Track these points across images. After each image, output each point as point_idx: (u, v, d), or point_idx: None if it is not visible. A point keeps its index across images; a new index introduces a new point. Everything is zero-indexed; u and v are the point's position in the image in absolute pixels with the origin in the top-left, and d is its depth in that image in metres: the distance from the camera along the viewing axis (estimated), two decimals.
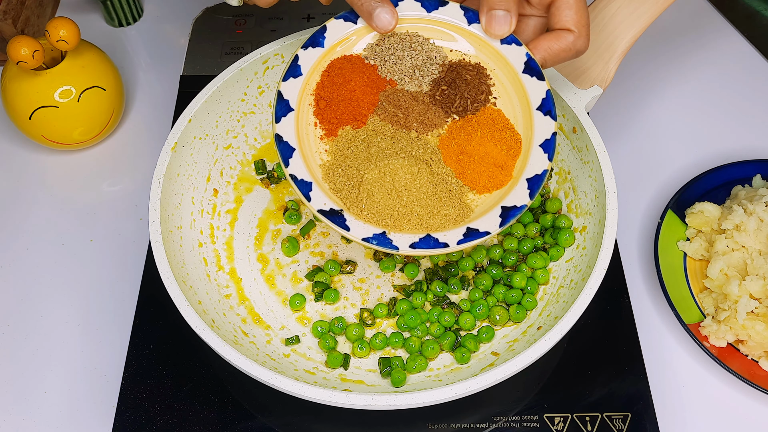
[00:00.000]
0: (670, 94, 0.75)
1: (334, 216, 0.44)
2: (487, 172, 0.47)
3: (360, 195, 0.45)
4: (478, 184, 0.47)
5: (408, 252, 0.44)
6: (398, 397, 0.44)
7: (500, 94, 0.49)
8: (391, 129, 0.47)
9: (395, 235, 0.44)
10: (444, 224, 0.45)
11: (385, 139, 0.47)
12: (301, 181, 0.45)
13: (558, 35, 0.47)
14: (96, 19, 0.81)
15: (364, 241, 0.44)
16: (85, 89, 0.64)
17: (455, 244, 0.44)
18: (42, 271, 0.63)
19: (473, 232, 0.44)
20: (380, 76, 0.49)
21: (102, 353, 0.58)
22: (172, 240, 0.53)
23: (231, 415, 0.53)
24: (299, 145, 0.46)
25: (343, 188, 0.45)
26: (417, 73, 0.49)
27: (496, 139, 0.47)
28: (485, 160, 0.47)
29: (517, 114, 0.48)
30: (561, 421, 0.53)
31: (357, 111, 0.48)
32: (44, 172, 0.69)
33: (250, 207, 0.61)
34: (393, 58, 0.49)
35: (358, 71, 0.48)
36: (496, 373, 0.45)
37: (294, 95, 0.47)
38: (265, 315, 0.56)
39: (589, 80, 0.57)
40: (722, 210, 0.61)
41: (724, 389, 0.56)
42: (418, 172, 0.46)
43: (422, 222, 0.45)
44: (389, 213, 0.45)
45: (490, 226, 0.45)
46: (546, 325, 0.51)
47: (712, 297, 0.58)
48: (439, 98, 0.48)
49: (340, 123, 0.47)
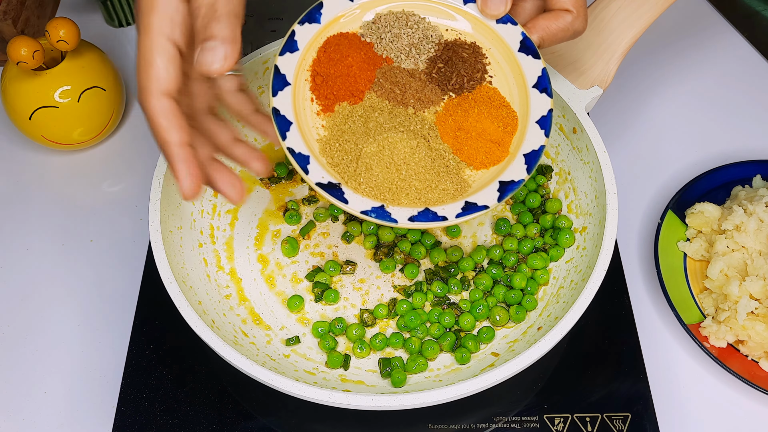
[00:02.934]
0: (670, 94, 0.75)
1: (332, 189, 0.44)
2: (484, 148, 0.47)
3: (358, 168, 0.45)
4: (476, 160, 0.47)
5: (407, 225, 0.44)
6: (398, 398, 0.45)
7: (496, 72, 0.49)
8: (388, 105, 0.47)
9: (394, 209, 0.44)
10: (442, 198, 0.45)
11: (383, 114, 0.47)
12: (298, 154, 0.44)
13: (556, 15, 0.47)
14: (96, 19, 0.81)
15: (362, 214, 0.43)
16: (85, 89, 0.64)
17: (454, 217, 0.44)
18: (42, 271, 0.63)
19: (471, 206, 0.44)
20: (376, 53, 0.48)
21: (102, 353, 0.58)
22: (172, 240, 0.53)
23: (231, 415, 0.53)
24: (296, 118, 0.45)
25: (341, 162, 0.45)
26: (413, 51, 0.49)
27: (492, 116, 0.48)
28: (482, 136, 0.47)
29: (513, 92, 0.49)
30: (561, 421, 0.53)
31: (354, 87, 0.47)
32: (44, 172, 0.69)
33: (250, 207, 0.61)
34: (389, 36, 0.49)
35: (354, 48, 0.48)
36: (496, 373, 0.45)
37: (291, 70, 0.46)
38: (265, 315, 0.56)
39: (589, 81, 0.57)
40: (722, 210, 0.61)
41: (724, 389, 0.56)
42: (417, 146, 0.46)
43: (420, 196, 0.45)
44: (387, 187, 0.45)
45: (489, 200, 0.45)
46: (546, 325, 0.51)
47: (712, 297, 0.58)
48: (435, 76, 0.49)
49: (337, 99, 0.47)
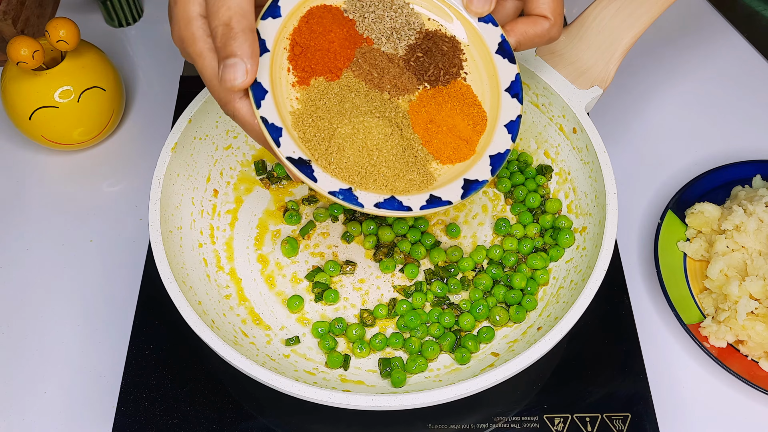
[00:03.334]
0: (670, 94, 0.75)
1: (302, 166, 0.43)
2: (453, 143, 0.47)
3: (330, 148, 0.44)
4: (443, 155, 0.47)
5: (372, 211, 0.43)
6: (398, 398, 0.45)
7: (471, 70, 0.49)
8: (364, 87, 0.47)
9: (361, 193, 0.43)
10: (408, 188, 0.45)
11: (359, 96, 0.46)
12: (272, 125, 0.43)
13: (534, 21, 0.48)
14: (96, 19, 0.81)
15: (330, 194, 0.43)
16: (85, 89, 0.64)
17: (418, 209, 0.44)
18: (42, 271, 0.63)
19: (436, 200, 0.44)
20: (357, 32, 0.48)
21: (102, 353, 0.58)
22: (172, 240, 0.53)
23: (231, 416, 0.53)
24: (272, 88, 0.44)
25: (313, 139, 0.44)
26: (395, 35, 0.49)
27: (464, 113, 0.48)
28: (452, 131, 0.47)
29: (486, 92, 0.49)
30: (561, 421, 0.53)
31: (332, 63, 0.47)
32: (44, 172, 0.69)
33: (250, 207, 0.61)
34: (372, 17, 0.48)
35: (337, 23, 0.48)
36: (496, 373, 0.45)
37: (271, 36, 0.45)
38: (265, 315, 0.56)
39: (589, 80, 0.57)
40: (722, 210, 0.61)
41: (724, 389, 0.56)
42: (391, 133, 0.46)
43: (388, 183, 0.44)
44: (357, 170, 0.44)
45: (453, 196, 0.45)
46: (546, 325, 0.51)
47: (712, 297, 0.58)
48: (413, 64, 0.48)
49: (314, 73, 0.46)
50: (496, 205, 0.62)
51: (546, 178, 0.62)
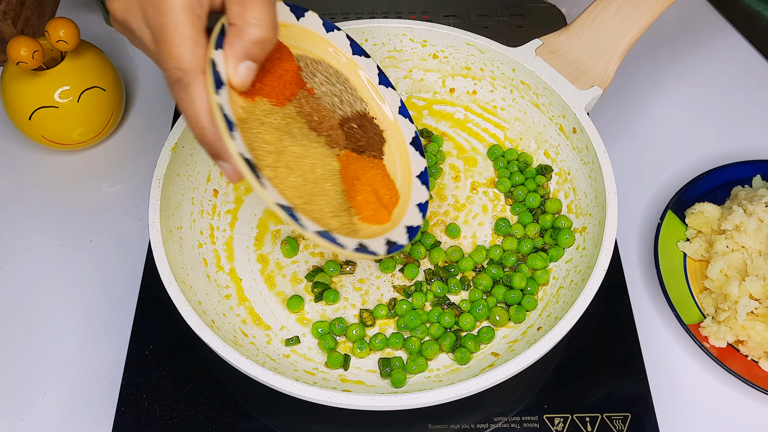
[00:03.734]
0: (670, 94, 0.75)
1: (252, 167, 0.40)
2: (374, 205, 0.49)
3: (278, 162, 0.43)
4: (364, 213, 0.48)
5: (312, 236, 0.42)
6: (398, 398, 0.45)
7: (388, 153, 0.53)
8: (305, 125, 0.47)
9: (301, 216, 0.42)
10: (340, 230, 0.45)
11: (303, 129, 0.47)
12: (226, 116, 0.40)
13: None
14: (96, 19, 0.81)
15: (276, 205, 0.41)
16: (84, 89, 0.64)
17: (352, 250, 0.44)
18: (42, 271, 0.63)
19: (364, 248, 0.45)
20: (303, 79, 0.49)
21: (102, 353, 0.58)
22: (172, 240, 0.53)
23: (231, 416, 0.53)
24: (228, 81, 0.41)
25: (259, 148, 0.42)
26: (336, 100, 0.52)
27: (383, 183, 0.51)
28: (374, 194, 0.50)
29: (398, 173, 0.53)
30: (561, 421, 0.53)
31: (280, 91, 0.46)
32: (44, 172, 0.69)
33: (250, 207, 0.61)
34: (320, 77, 0.51)
35: (291, 60, 0.48)
36: (496, 373, 0.45)
37: None
38: (265, 315, 0.56)
39: (589, 80, 0.57)
40: (722, 210, 0.61)
41: (724, 389, 0.56)
42: (336, 171, 0.47)
43: (323, 219, 0.44)
44: (299, 195, 0.43)
45: (379, 249, 0.46)
46: (546, 325, 0.51)
47: (712, 297, 0.58)
48: (346, 130, 0.51)
49: (261, 93, 0.45)
50: (496, 205, 0.62)
51: (546, 178, 0.62)
